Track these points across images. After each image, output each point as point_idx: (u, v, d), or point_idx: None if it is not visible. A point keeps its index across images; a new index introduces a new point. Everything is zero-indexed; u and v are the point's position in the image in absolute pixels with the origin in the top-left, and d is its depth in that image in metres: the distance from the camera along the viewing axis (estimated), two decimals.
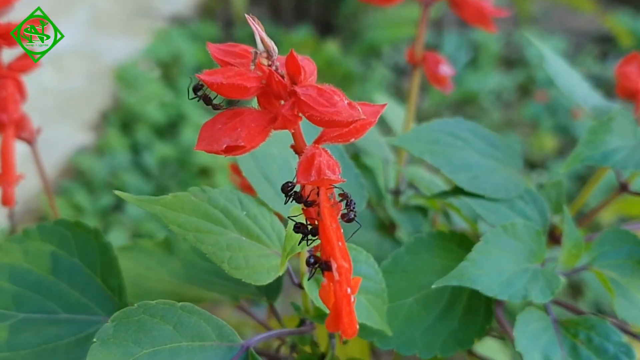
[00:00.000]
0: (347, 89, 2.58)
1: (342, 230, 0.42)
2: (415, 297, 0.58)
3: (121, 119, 2.26)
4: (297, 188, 0.43)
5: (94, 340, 0.45)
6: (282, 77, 0.41)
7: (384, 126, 0.97)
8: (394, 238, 0.75)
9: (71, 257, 0.59)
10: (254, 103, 0.43)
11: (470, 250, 0.59)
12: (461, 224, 0.80)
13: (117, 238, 1.86)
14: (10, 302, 0.56)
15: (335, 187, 0.43)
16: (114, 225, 1.91)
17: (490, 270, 0.55)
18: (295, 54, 0.41)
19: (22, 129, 0.68)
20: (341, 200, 0.43)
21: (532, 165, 2.55)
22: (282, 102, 0.42)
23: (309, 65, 0.43)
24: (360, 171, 0.70)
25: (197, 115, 2.30)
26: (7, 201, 0.65)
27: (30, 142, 0.69)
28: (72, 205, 1.91)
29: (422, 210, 0.80)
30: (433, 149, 0.62)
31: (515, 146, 0.67)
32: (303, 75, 0.42)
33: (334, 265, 0.39)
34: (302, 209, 0.44)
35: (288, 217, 0.45)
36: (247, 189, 0.65)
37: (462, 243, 0.61)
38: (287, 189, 0.43)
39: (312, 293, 0.52)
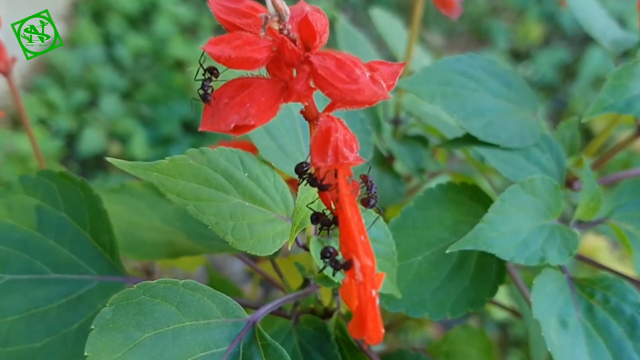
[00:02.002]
0: None
1: (363, 220, 0.38)
2: (425, 255, 0.55)
3: (92, 8, 2.15)
4: (312, 169, 0.39)
5: (92, 327, 0.41)
6: (295, 41, 0.37)
7: (384, 48, 0.92)
8: (394, 172, 0.72)
9: (58, 211, 0.55)
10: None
11: (482, 202, 0.57)
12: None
13: (92, 136, 1.80)
14: None
15: None
16: (90, 123, 1.84)
17: (507, 230, 0.52)
18: (309, 16, 0.36)
19: None
20: (361, 183, 0.39)
21: (517, 55, 2.50)
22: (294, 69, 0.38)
23: (321, 21, 0.38)
24: None
25: (171, 3, 2.19)
26: None
27: (5, 73, 0.64)
28: (45, 103, 1.83)
29: (422, 141, 0.76)
30: (445, 91, 0.58)
31: (529, 89, 0.63)
32: (318, 39, 0.37)
33: (357, 265, 0.36)
34: (318, 192, 0.40)
35: (306, 206, 0.41)
36: None
37: (473, 195, 0.57)
38: (301, 169, 0.39)
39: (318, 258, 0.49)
